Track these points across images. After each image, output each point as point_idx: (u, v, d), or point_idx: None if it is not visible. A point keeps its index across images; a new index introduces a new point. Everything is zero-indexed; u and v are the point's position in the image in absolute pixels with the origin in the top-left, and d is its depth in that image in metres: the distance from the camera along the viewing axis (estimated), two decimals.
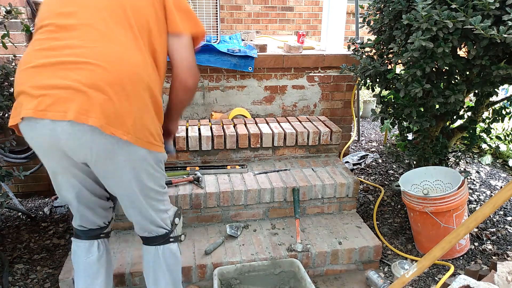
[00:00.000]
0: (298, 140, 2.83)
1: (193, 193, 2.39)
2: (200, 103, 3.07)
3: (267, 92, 3.16)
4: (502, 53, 2.05)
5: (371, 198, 3.12)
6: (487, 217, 1.67)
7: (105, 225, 1.72)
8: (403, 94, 2.30)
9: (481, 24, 1.81)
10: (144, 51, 1.43)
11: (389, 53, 2.53)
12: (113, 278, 2.03)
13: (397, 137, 3.02)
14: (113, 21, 1.39)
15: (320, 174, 2.67)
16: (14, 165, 2.92)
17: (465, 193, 2.33)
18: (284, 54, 3.11)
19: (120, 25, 1.40)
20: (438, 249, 1.65)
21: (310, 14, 5.62)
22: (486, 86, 2.23)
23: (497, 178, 3.43)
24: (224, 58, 2.94)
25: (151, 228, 1.62)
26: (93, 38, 1.35)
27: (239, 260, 2.16)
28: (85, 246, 1.68)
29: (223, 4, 5.27)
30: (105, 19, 1.38)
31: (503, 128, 3.94)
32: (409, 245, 2.57)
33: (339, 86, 3.27)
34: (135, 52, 1.40)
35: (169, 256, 1.66)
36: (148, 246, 1.66)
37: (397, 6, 2.32)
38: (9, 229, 2.72)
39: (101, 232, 1.71)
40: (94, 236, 1.69)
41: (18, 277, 2.26)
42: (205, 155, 2.75)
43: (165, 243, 1.65)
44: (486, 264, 2.36)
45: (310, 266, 2.26)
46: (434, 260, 1.68)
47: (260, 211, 2.53)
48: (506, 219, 2.82)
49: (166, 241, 1.65)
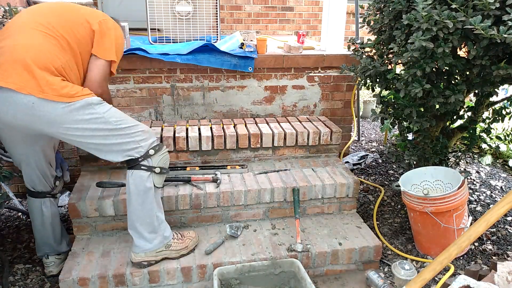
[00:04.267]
0: (298, 140, 2.83)
1: (193, 193, 2.39)
2: (200, 103, 3.07)
3: (267, 92, 3.16)
4: (502, 53, 2.05)
5: (371, 198, 3.12)
6: (481, 234, 1.67)
7: None
8: (403, 94, 2.30)
9: (481, 24, 1.81)
10: None
11: (389, 53, 2.53)
12: (113, 278, 2.04)
13: (397, 137, 3.02)
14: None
15: (320, 174, 2.67)
16: (14, 165, 2.92)
17: (465, 193, 2.33)
18: (284, 54, 3.11)
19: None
20: (429, 270, 1.63)
21: (310, 14, 5.62)
22: (486, 86, 2.23)
23: (497, 178, 3.44)
24: (224, 58, 2.94)
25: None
26: None
27: (239, 260, 2.16)
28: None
29: (223, 4, 5.26)
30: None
31: (503, 128, 3.94)
32: (409, 245, 2.57)
33: (339, 86, 3.27)
34: None
35: (138, 180, 1.95)
36: (127, 170, 1.99)
37: (397, 6, 2.32)
38: (9, 229, 2.72)
39: None
40: None
41: (18, 277, 2.26)
42: (205, 155, 2.75)
43: (136, 168, 1.95)
44: (486, 264, 2.36)
45: (310, 266, 2.26)
46: (425, 283, 1.65)
47: (260, 211, 2.53)
48: (506, 219, 2.82)
49: (136, 166, 1.95)
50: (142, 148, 1.96)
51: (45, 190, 2.19)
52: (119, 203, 2.30)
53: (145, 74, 2.90)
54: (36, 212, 2.19)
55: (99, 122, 1.86)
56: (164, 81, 2.96)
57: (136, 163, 1.96)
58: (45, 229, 2.22)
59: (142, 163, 1.96)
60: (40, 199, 2.18)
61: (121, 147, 1.93)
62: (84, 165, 2.65)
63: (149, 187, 1.98)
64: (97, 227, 2.35)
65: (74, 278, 2.01)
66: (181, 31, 3.24)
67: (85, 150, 1.97)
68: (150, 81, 2.92)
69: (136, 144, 1.95)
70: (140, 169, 1.96)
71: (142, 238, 2.05)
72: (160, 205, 2.10)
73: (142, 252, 2.06)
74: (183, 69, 2.96)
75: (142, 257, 2.07)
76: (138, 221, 2.02)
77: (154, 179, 2.00)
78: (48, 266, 2.26)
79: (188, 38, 3.26)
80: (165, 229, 2.11)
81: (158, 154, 2.00)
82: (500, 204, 1.51)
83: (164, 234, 2.10)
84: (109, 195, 2.34)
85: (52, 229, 2.23)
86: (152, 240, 2.06)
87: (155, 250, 2.08)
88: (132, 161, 1.96)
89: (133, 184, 1.97)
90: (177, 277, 2.12)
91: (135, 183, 1.96)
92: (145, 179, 1.97)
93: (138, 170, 1.96)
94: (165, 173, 2.05)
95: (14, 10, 2.30)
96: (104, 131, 1.88)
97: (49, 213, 2.20)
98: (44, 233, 2.22)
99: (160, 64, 2.87)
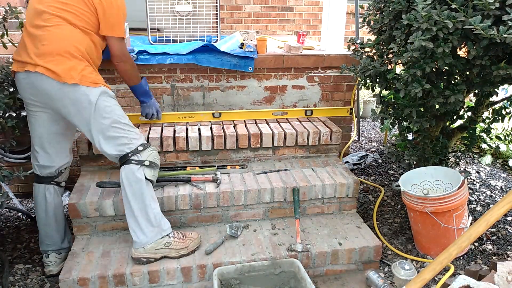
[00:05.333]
0: (298, 140, 2.82)
1: (193, 193, 2.39)
2: (200, 103, 3.07)
3: (267, 92, 3.16)
4: (502, 53, 2.04)
5: (371, 198, 3.12)
6: (480, 234, 1.67)
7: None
8: (403, 94, 2.30)
9: (481, 24, 1.81)
10: None
11: (389, 53, 2.53)
12: (113, 278, 2.04)
13: (397, 137, 3.02)
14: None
15: (320, 174, 2.67)
16: (14, 165, 2.92)
17: (465, 193, 2.33)
18: (284, 54, 3.11)
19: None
20: (429, 270, 1.62)
21: (310, 14, 5.62)
22: (486, 86, 2.23)
23: (497, 178, 3.44)
24: (224, 58, 2.94)
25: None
26: None
27: (239, 260, 2.16)
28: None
29: (223, 4, 5.26)
30: None
31: (503, 128, 3.94)
32: (409, 245, 2.57)
33: (339, 86, 3.27)
34: None
35: (129, 173, 2.08)
36: (120, 169, 2.13)
37: (397, 6, 2.32)
38: (9, 229, 2.72)
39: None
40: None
41: (18, 277, 2.27)
42: (205, 155, 2.75)
43: (127, 163, 2.09)
44: (486, 264, 2.36)
45: (310, 266, 2.26)
46: (425, 283, 1.65)
47: (260, 211, 2.53)
48: (506, 219, 2.82)
49: (127, 161, 2.09)
50: (133, 145, 2.12)
51: (51, 174, 2.26)
52: (119, 203, 2.30)
53: (145, 74, 2.90)
54: (40, 198, 2.26)
55: (108, 111, 2.07)
56: (164, 81, 2.97)
57: (127, 158, 2.09)
58: (48, 219, 2.27)
59: (132, 158, 2.10)
60: (44, 185, 2.26)
61: (117, 141, 2.10)
62: (84, 165, 2.66)
63: (140, 178, 2.09)
64: (97, 227, 2.35)
65: (74, 278, 2.01)
66: (181, 31, 3.24)
67: (86, 134, 2.12)
68: (150, 81, 2.92)
69: (129, 140, 2.12)
70: (131, 163, 2.09)
71: (139, 229, 2.11)
72: (155, 198, 2.18)
73: (141, 247, 2.10)
74: (183, 69, 2.96)
75: (141, 253, 2.10)
76: (132, 212, 2.10)
77: (145, 171, 2.11)
78: (48, 265, 2.28)
79: (188, 38, 3.26)
80: (162, 222, 2.16)
81: (146, 150, 2.15)
82: (500, 204, 1.51)
83: (162, 227, 2.15)
84: (109, 195, 2.34)
85: (55, 219, 2.29)
86: (148, 232, 2.11)
87: (154, 246, 2.11)
88: (123, 157, 2.10)
89: (125, 177, 2.09)
90: (177, 277, 2.12)
91: (127, 176, 2.09)
92: (136, 171, 2.09)
93: (129, 164, 2.09)
94: (154, 166, 2.16)
95: (14, 10, 2.30)
96: (108, 120, 2.07)
97: (52, 201, 2.27)
98: (47, 223, 2.27)
99: (160, 64, 2.87)
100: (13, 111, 2.43)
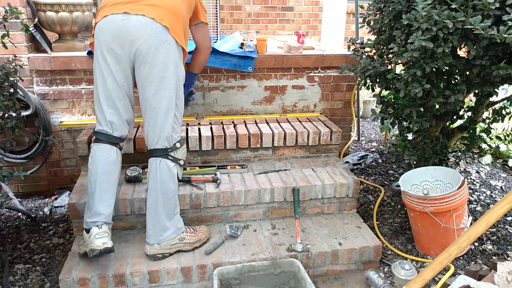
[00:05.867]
0: (298, 140, 2.83)
1: (193, 193, 2.39)
2: (200, 103, 3.07)
3: (267, 92, 3.16)
4: (502, 53, 2.05)
5: (371, 198, 3.12)
6: (480, 234, 1.67)
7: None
8: (403, 94, 2.30)
9: (481, 24, 1.81)
10: None
11: (389, 53, 2.53)
12: (113, 278, 2.04)
13: (397, 137, 3.02)
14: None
15: (320, 174, 2.67)
16: (14, 165, 2.92)
17: (465, 193, 2.33)
18: (284, 54, 3.11)
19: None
20: (429, 270, 1.62)
21: (310, 14, 5.62)
22: (486, 86, 2.23)
23: (497, 178, 3.44)
24: (224, 58, 2.94)
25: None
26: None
27: (239, 260, 2.16)
28: (106, 148, 2.10)
29: (223, 4, 5.26)
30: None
31: (503, 128, 3.94)
32: (409, 245, 2.57)
33: (339, 86, 3.27)
34: None
35: (165, 168, 2.08)
36: (152, 158, 2.09)
37: (397, 6, 2.32)
38: (9, 229, 2.72)
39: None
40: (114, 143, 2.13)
41: (18, 277, 2.27)
42: (205, 155, 2.75)
43: (164, 157, 2.07)
44: (486, 264, 2.36)
45: (310, 266, 2.26)
46: (425, 283, 1.65)
47: (260, 211, 2.53)
48: (506, 219, 2.82)
49: (165, 155, 2.07)
50: (174, 139, 2.12)
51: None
52: (119, 203, 2.30)
53: None
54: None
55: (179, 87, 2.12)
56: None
57: (165, 153, 2.09)
58: (109, 184, 2.10)
59: (171, 153, 2.10)
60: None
61: (169, 124, 2.08)
62: (84, 165, 2.65)
63: (175, 175, 2.13)
64: None
65: (74, 278, 2.01)
66: None
67: (155, 100, 2.04)
68: None
69: (173, 131, 2.11)
70: (167, 159, 2.09)
71: (159, 226, 2.10)
72: (177, 197, 2.19)
73: (157, 244, 2.11)
74: None
75: (157, 250, 2.12)
76: (157, 208, 2.09)
77: (178, 170, 2.15)
78: (102, 236, 1.99)
79: None
80: (179, 221, 2.19)
81: (182, 147, 2.17)
82: (500, 204, 1.51)
83: (178, 226, 2.17)
84: None
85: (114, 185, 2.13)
86: (168, 230, 2.12)
87: (170, 242, 2.13)
88: (161, 151, 2.09)
89: (160, 171, 2.08)
90: (177, 277, 2.12)
91: (161, 171, 2.08)
92: (171, 168, 2.10)
93: (166, 160, 2.09)
94: (184, 166, 2.20)
95: (14, 10, 2.30)
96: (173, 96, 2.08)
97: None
98: (107, 188, 2.09)
99: None
100: (13, 111, 2.44)
